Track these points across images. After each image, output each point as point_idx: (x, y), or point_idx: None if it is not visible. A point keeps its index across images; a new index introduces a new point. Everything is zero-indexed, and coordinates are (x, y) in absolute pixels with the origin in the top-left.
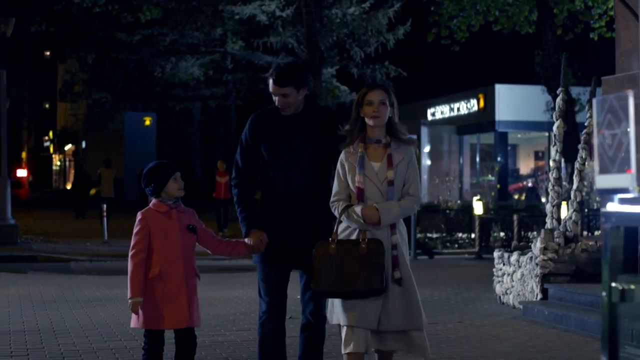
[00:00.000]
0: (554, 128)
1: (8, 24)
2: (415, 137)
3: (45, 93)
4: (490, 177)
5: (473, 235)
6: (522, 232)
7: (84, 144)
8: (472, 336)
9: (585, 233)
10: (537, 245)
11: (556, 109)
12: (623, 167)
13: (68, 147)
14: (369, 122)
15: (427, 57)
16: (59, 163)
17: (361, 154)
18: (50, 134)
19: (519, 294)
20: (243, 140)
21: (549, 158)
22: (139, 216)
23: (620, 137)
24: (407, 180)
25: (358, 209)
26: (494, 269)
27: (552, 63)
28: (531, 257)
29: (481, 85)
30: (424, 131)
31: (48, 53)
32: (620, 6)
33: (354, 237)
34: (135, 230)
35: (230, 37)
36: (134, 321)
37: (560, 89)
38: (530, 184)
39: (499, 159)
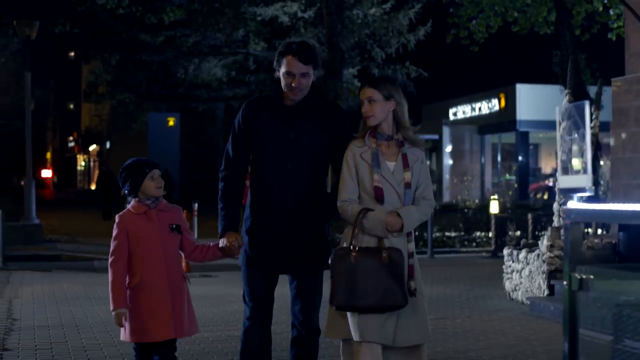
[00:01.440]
0: (560, 129)
1: (32, 27)
2: (424, 137)
3: (70, 93)
4: (509, 176)
5: (490, 234)
6: (537, 231)
7: (108, 145)
8: (478, 330)
9: (591, 231)
10: (544, 243)
11: (562, 110)
12: (580, 169)
13: (92, 147)
14: (366, 122)
15: (449, 57)
16: (83, 163)
17: (375, 150)
18: (75, 134)
19: (527, 290)
20: (236, 127)
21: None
22: (116, 219)
23: (579, 141)
24: (421, 183)
25: (380, 214)
26: (504, 266)
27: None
28: (538, 255)
29: (502, 85)
30: (446, 131)
31: (72, 54)
32: (627, 9)
33: (371, 244)
34: (113, 234)
35: (252, 39)
36: (122, 334)
37: (566, 90)
38: (551, 183)
39: (520, 158)
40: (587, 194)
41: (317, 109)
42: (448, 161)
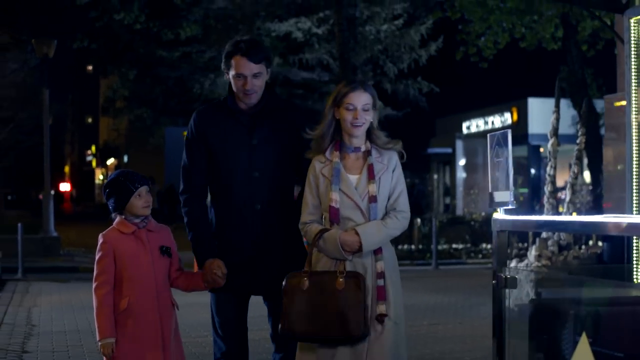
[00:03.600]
0: (549, 145)
1: (50, 46)
2: (400, 140)
3: (88, 107)
4: (522, 189)
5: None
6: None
7: (125, 158)
8: (467, 335)
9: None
10: (532, 253)
11: (550, 127)
12: (504, 186)
13: (110, 161)
14: (350, 131)
15: (461, 72)
16: (101, 177)
17: (337, 165)
18: (93, 148)
19: (516, 298)
20: (190, 140)
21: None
22: (100, 239)
23: (504, 163)
24: (392, 192)
25: (335, 233)
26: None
27: (577, 78)
28: (527, 264)
29: (514, 99)
30: (459, 144)
31: (90, 68)
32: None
33: (332, 267)
34: (97, 256)
35: None
36: None
37: (554, 109)
38: (563, 196)
39: (532, 171)
40: (510, 207)
41: (276, 110)
42: (461, 174)
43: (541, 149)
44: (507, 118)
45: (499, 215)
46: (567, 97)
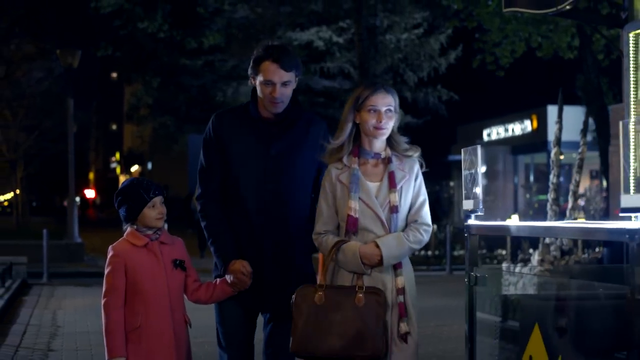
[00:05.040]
0: (552, 155)
1: (75, 56)
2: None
3: (112, 114)
4: (541, 196)
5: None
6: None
7: (149, 165)
8: None
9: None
10: (535, 258)
11: (553, 137)
12: (472, 195)
13: (135, 168)
14: (373, 133)
15: (482, 80)
16: None
17: (355, 171)
18: (117, 155)
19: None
20: (208, 144)
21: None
22: (110, 252)
23: (474, 175)
24: (414, 203)
25: (354, 245)
26: (502, 279)
27: (593, 87)
28: (530, 268)
29: (534, 106)
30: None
31: (115, 75)
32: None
33: (347, 282)
34: (106, 270)
35: None
36: None
37: (556, 119)
38: (583, 203)
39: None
40: (479, 213)
41: (299, 122)
42: (482, 181)
43: (561, 156)
44: (527, 125)
45: (472, 221)
46: (583, 105)
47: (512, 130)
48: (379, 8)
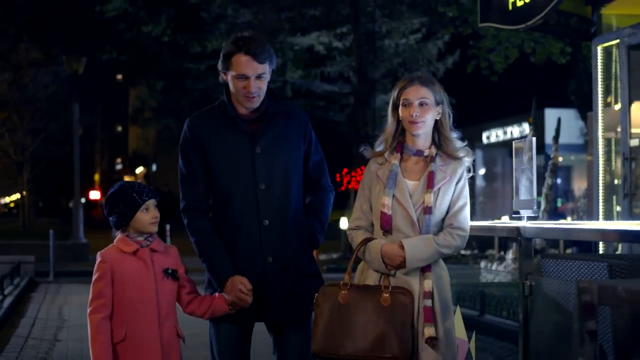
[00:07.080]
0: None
1: (80, 63)
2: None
3: (117, 116)
4: (539, 198)
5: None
6: None
7: (154, 167)
8: None
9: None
10: (509, 256)
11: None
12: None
13: (139, 170)
14: (408, 128)
15: (479, 84)
16: None
17: (394, 167)
18: (122, 157)
19: None
20: (186, 151)
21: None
22: (98, 258)
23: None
24: (452, 207)
25: (378, 244)
26: (480, 277)
27: (584, 92)
28: (505, 266)
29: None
30: (479, 154)
31: (120, 77)
32: None
33: (371, 281)
34: (94, 277)
35: (289, 67)
36: None
37: (531, 126)
38: (578, 204)
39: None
40: (533, 214)
41: (279, 116)
42: (481, 183)
43: (560, 159)
44: (525, 128)
45: (523, 223)
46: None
47: (511, 132)
48: (378, 14)
